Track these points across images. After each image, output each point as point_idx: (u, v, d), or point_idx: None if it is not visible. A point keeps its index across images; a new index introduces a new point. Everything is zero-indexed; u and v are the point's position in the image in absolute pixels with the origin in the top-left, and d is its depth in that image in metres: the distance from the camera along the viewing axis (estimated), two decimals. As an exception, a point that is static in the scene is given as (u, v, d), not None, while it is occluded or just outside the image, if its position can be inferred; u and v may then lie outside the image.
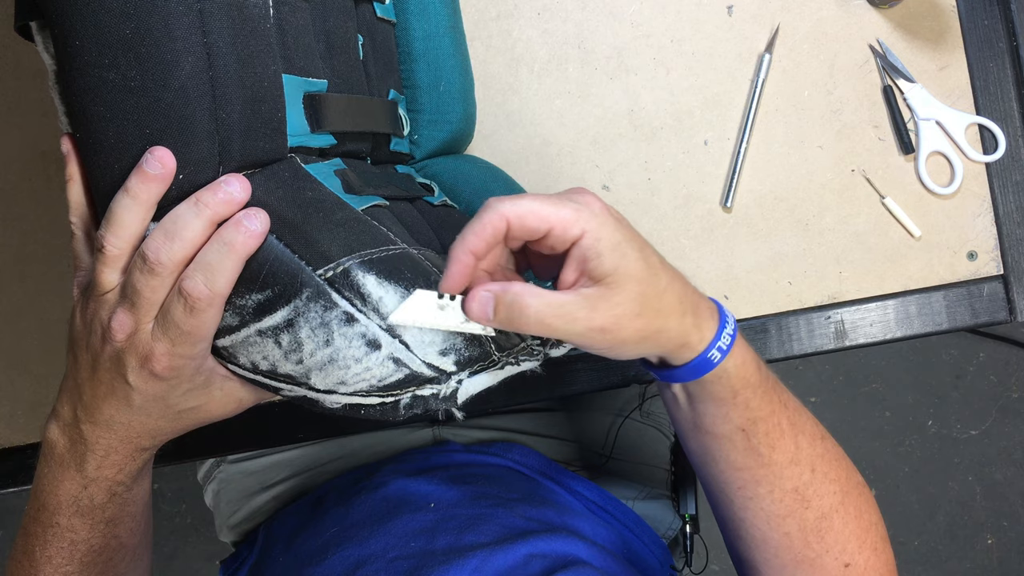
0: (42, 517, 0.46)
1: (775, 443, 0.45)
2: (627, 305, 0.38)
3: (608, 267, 0.37)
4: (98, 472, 0.44)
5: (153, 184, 0.37)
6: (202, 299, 0.38)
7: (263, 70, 0.40)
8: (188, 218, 0.38)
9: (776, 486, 0.46)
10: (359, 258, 0.40)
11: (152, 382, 0.41)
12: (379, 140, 0.52)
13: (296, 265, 0.39)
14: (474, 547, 0.53)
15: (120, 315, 0.39)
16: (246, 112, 0.39)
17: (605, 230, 0.37)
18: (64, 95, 0.39)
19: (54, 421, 0.45)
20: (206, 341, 0.40)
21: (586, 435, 0.81)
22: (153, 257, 0.38)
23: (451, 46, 0.57)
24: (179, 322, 0.39)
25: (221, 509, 0.82)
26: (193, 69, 0.37)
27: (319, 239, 0.40)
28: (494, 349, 0.43)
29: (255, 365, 0.42)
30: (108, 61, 0.36)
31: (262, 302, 0.39)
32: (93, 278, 0.40)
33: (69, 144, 0.40)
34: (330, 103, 0.45)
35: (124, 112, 0.37)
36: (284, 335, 0.40)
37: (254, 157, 0.41)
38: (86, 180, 0.41)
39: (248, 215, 0.38)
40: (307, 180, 0.42)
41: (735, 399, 0.43)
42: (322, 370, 0.40)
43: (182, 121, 0.37)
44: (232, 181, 0.39)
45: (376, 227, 0.42)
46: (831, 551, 0.48)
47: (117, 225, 0.38)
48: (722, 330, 0.42)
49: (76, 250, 0.42)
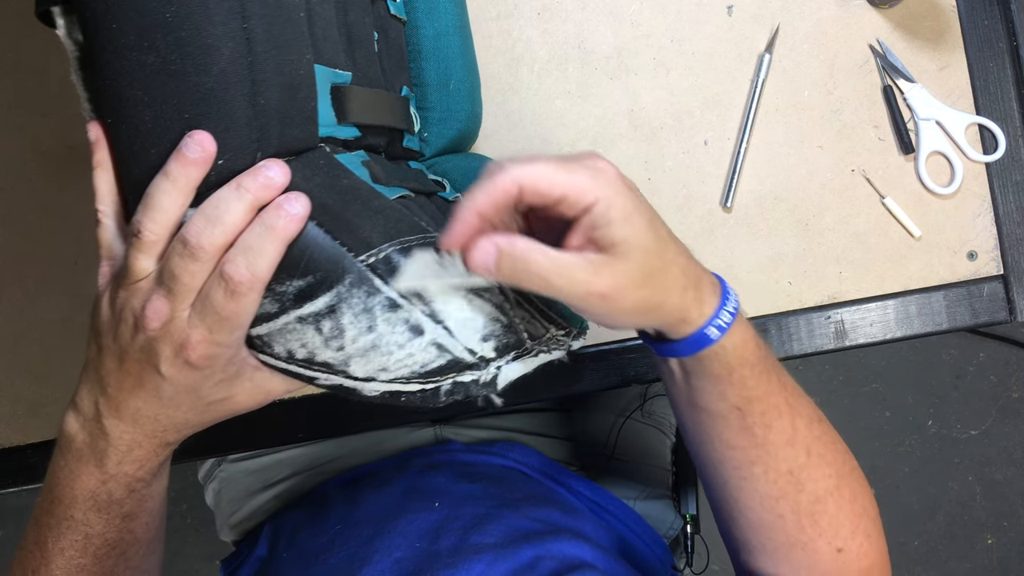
0: (56, 510, 0.45)
1: (771, 423, 0.45)
2: (631, 275, 0.37)
3: (617, 236, 0.37)
4: (119, 468, 0.43)
5: (193, 168, 0.37)
6: (244, 283, 0.37)
7: (298, 58, 0.40)
8: (229, 202, 0.37)
9: (770, 467, 0.46)
10: (399, 244, 0.40)
11: (185, 371, 0.40)
12: (394, 136, 0.52)
13: (338, 251, 0.39)
14: (480, 548, 0.52)
15: (155, 302, 0.38)
16: (283, 99, 0.39)
17: (619, 199, 0.37)
18: (92, 80, 0.39)
19: (73, 414, 0.44)
20: (243, 328, 0.40)
21: (587, 435, 0.81)
22: (195, 241, 0.37)
23: (460, 45, 0.57)
24: (219, 307, 0.38)
25: (222, 508, 0.82)
26: (233, 54, 0.37)
27: (360, 225, 0.40)
28: (526, 337, 0.43)
29: (291, 353, 0.41)
30: (147, 44, 0.36)
31: (303, 288, 0.39)
32: (126, 265, 0.39)
33: (98, 130, 0.39)
34: (354, 95, 0.45)
35: (163, 96, 0.37)
36: (325, 321, 0.40)
37: (290, 145, 0.40)
38: (116, 167, 0.40)
39: (289, 199, 0.38)
40: (341, 168, 0.42)
41: (731, 377, 0.43)
42: (363, 356, 0.40)
43: (222, 106, 0.37)
44: (272, 166, 0.38)
45: (411, 216, 0.42)
46: (824, 535, 0.47)
47: (155, 210, 0.38)
48: (722, 307, 0.41)
49: (103, 239, 0.41)
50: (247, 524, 0.80)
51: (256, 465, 0.80)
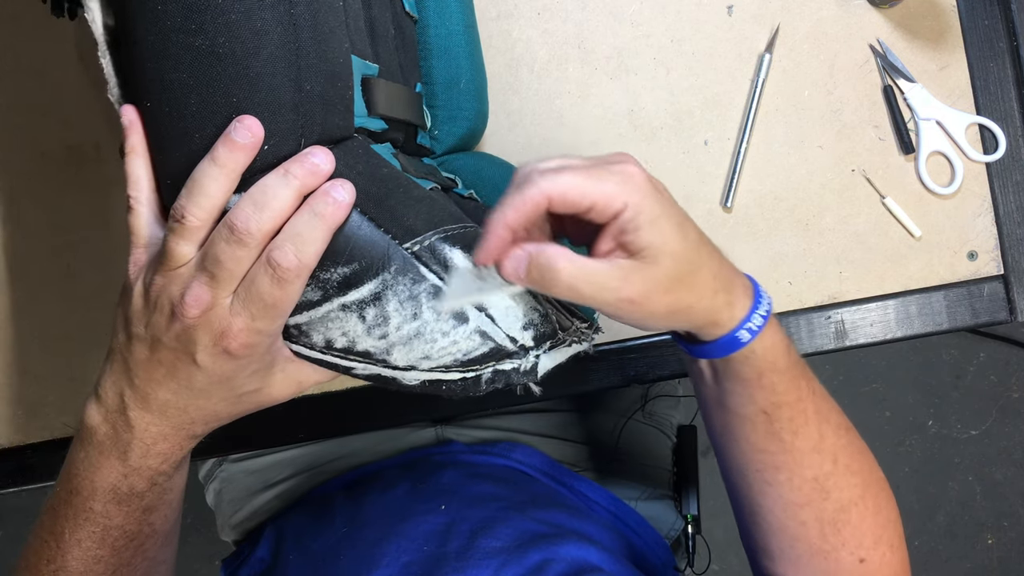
0: (75, 500, 0.44)
1: (798, 429, 0.44)
2: (659, 280, 0.37)
3: (645, 242, 0.37)
4: (142, 461, 0.43)
5: (241, 153, 0.37)
6: (291, 269, 0.37)
7: (338, 46, 0.40)
8: (277, 188, 0.37)
9: (796, 473, 0.45)
10: (443, 232, 0.40)
11: (223, 360, 0.39)
12: (409, 132, 0.52)
13: (383, 239, 0.39)
14: (488, 552, 0.52)
15: (196, 288, 0.38)
16: (327, 86, 0.39)
17: (647, 203, 0.37)
18: (126, 64, 0.38)
19: (95, 405, 0.43)
20: (285, 316, 0.39)
21: (588, 436, 0.81)
22: (243, 227, 0.37)
23: (468, 44, 0.57)
24: (264, 294, 0.38)
25: (223, 508, 0.82)
26: (282, 39, 0.37)
27: (404, 213, 0.40)
28: (558, 328, 0.43)
29: (330, 342, 0.41)
30: (195, 26, 0.36)
31: (348, 275, 0.39)
32: (165, 251, 0.38)
33: (133, 113, 0.39)
34: (381, 88, 0.45)
35: (210, 79, 0.36)
36: (370, 309, 0.39)
37: (331, 133, 0.40)
38: (152, 152, 0.39)
39: (335, 186, 0.38)
40: (379, 158, 0.42)
41: (760, 381, 0.43)
42: (407, 344, 0.40)
43: (269, 91, 0.37)
44: (318, 153, 0.38)
45: (450, 204, 0.43)
46: (847, 545, 0.47)
47: (201, 195, 0.37)
48: (754, 310, 0.41)
49: (136, 225, 0.41)
50: (248, 524, 0.80)
51: (257, 465, 0.80)
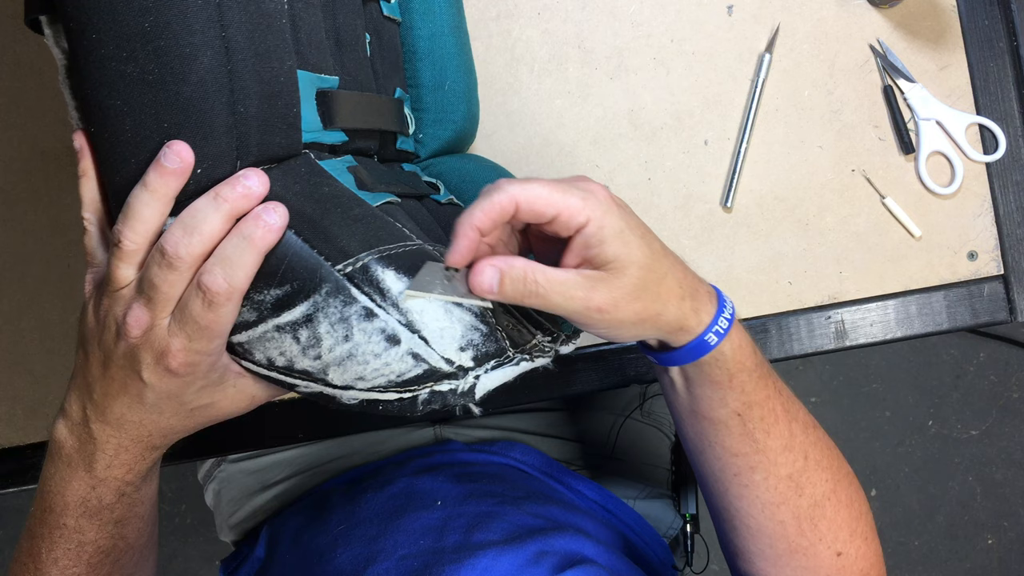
0: (49, 519, 0.45)
1: (770, 429, 0.46)
2: (626, 289, 0.39)
3: (610, 254, 0.38)
4: (107, 472, 0.44)
5: (171, 178, 0.37)
6: (221, 293, 0.38)
7: (279, 65, 0.40)
8: (207, 212, 0.38)
9: (771, 473, 0.47)
10: (377, 254, 0.40)
11: (167, 379, 0.41)
12: (386, 138, 0.52)
13: (315, 260, 0.39)
14: (484, 545, 0.53)
15: (136, 310, 0.39)
16: (263, 107, 0.39)
17: (609, 218, 0.38)
18: (77, 89, 0.39)
19: (62, 420, 0.44)
20: (222, 337, 0.40)
21: (587, 435, 0.81)
22: (172, 251, 0.38)
23: (455, 45, 0.57)
24: (197, 317, 0.38)
25: (222, 508, 0.82)
26: (212, 63, 0.37)
27: (338, 234, 0.40)
28: (508, 345, 0.43)
29: (271, 361, 0.41)
30: (126, 54, 0.36)
31: (281, 297, 0.39)
32: (108, 273, 0.40)
33: (83, 139, 0.40)
34: (341, 100, 0.45)
35: (142, 105, 0.37)
36: (303, 330, 0.40)
37: (270, 152, 0.40)
38: (100, 176, 0.40)
39: (267, 209, 0.38)
40: (323, 176, 0.42)
41: (731, 382, 0.44)
42: (340, 365, 0.40)
43: (201, 115, 0.37)
44: (251, 175, 0.38)
45: (392, 223, 0.42)
46: (824, 539, 0.48)
47: (134, 219, 0.38)
48: (719, 314, 0.43)
49: (89, 246, 0.42)
50: (247, 524, 0.80)
51: (256, 465, 0.80)
